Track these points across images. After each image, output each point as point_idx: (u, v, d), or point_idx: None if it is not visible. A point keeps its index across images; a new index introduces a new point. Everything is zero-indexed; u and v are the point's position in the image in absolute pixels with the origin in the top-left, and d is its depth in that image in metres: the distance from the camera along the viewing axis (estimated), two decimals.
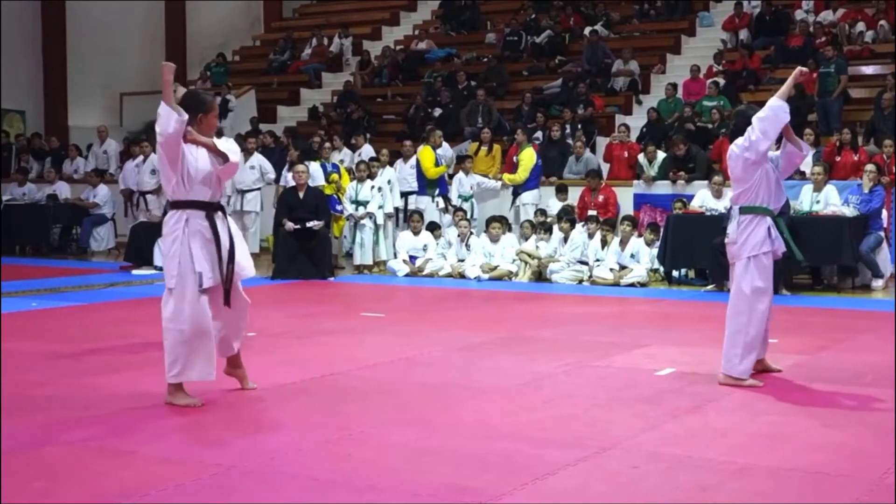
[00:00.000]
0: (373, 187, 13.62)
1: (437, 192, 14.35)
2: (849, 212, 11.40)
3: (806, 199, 11.86)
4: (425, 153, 14.41)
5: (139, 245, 13.36)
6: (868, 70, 17.08)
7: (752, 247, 6.27)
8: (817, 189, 11.86)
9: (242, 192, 14.56)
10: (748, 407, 5.70)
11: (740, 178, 6.36)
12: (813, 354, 7.34)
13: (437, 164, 14.43)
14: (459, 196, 14.35)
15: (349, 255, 14.09)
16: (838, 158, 13.42)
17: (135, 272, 13.05)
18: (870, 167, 11.81)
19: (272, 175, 14.91)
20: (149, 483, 4.23)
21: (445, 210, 14.25)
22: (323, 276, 12.45)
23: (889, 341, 7.65)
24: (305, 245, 12.45)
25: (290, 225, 12.42)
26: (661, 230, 12.54)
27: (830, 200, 11.71)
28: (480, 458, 4.61)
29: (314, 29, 23.12)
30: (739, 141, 6.36)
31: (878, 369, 6.79)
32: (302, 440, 4.93)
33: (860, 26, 17.79)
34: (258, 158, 14.99)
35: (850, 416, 5.49)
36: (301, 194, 12.63)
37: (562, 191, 14.03)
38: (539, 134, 16.26)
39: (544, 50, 19.90)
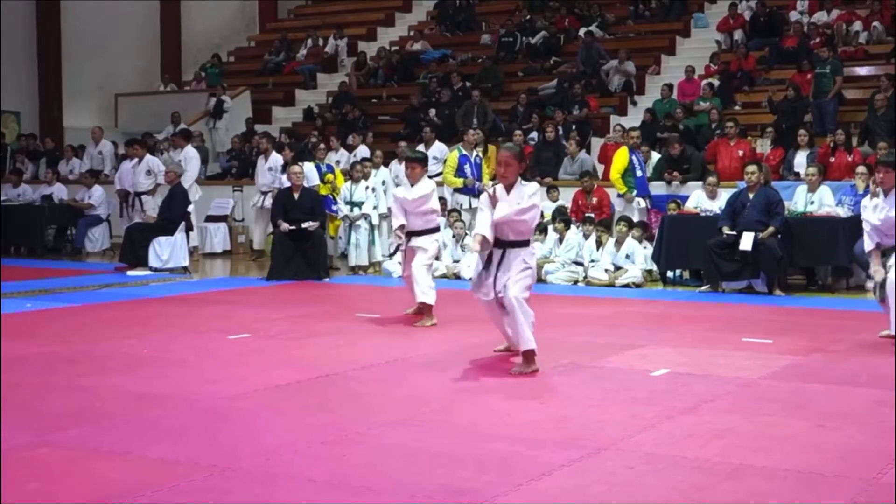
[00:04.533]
0: (367, 188, 13.61)
1: (634, 192, 13.34)
2: (843, 213, 11.41)
3: (800, 200, 11.88)
4: (621, 156, 13.41)
5: (134, 246, 13.32)
6: (862, 71, 17.11)
7: None
8: (811, 190, 11.89)
9: (265, 194, 14.57)
10: (743, 407, 5.71)
11: None
12: (807, 355, 7.35)
13: (630, 168, 13.35)
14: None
15: (344, 255, 14.09)
16: (832, 159, 13.45)
17: (129, 273, 13.01)
18: (860, 169, 11.83)
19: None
20: (144, 484, 4.22)
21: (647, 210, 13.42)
22: (318, 276, 12.44)
23: (883, 341, 7.68)
24: (301, 246, 12.45)
25: (285, 226, 12.42)
26: (651, 228, 12.60)
27: (825, 201, 11.73)
28: (476, 459, 4.61)
29: (309, 30, 23.12)
30: None
31: (872, 370, 6.80)
32: (297, 441, 4.93)
33: (855, 27, 17.84)
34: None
35: (845, 417, 5.49)
36: (296, 195, 12.62)
37: (552, 189, 13.99)
38: (534, 135, 16.27)
39: (539, 51, 19.93)
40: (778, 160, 14.16)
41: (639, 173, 13.44)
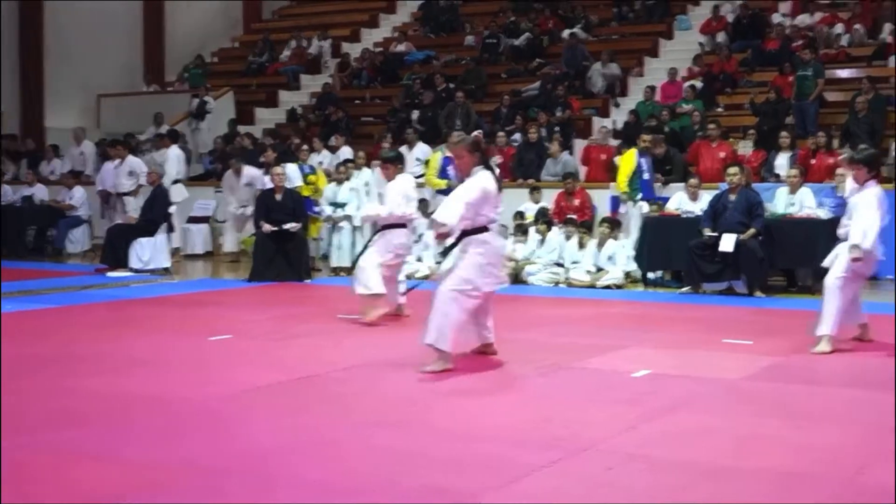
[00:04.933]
0: (350, 189, 13.60)
1: (639, 196, 12.94)
2: (823, 214, 11.47)
3: (781, 202, 11.92)
4: (627, 160, 13.08)
5: (115, 247, 13.28)
6: (844, 73, 17.21)
7: None
8: (792, 191, 11.93)
9: (245, 206, 14.56)
10: (723, 408, 5.74)
11: None
12: (787, 356, 7.38)
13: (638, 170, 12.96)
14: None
15: (325, 257, 14.06)
16: (813, 161, 13.52)
17: (110, 274, 12.96)
18: (840, 170, 11.89)
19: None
20: (134, 486, 4.21)
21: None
22: (300, 278, 12.42)
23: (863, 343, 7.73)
24: (283, 247, 12.43)
25: (267, 227, 12.39)
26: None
27: (805, 203, 11.77)
28: (458, 460, 4.62)
29: (293, 31, 23.08)
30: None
31: (851, 370, 6.84)
32: (279, 443, 4.92)
33: (837, 29, 17.94)
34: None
35: (824, 417, 5.53)
36: (278, 196, 12.60)
37: (534, 190, 14.00)
38: (517, 136, 16.30)
39: (523, 52, 19.95)
40: (759, 162, 14.22)
41: (646, 176, 13.16)
